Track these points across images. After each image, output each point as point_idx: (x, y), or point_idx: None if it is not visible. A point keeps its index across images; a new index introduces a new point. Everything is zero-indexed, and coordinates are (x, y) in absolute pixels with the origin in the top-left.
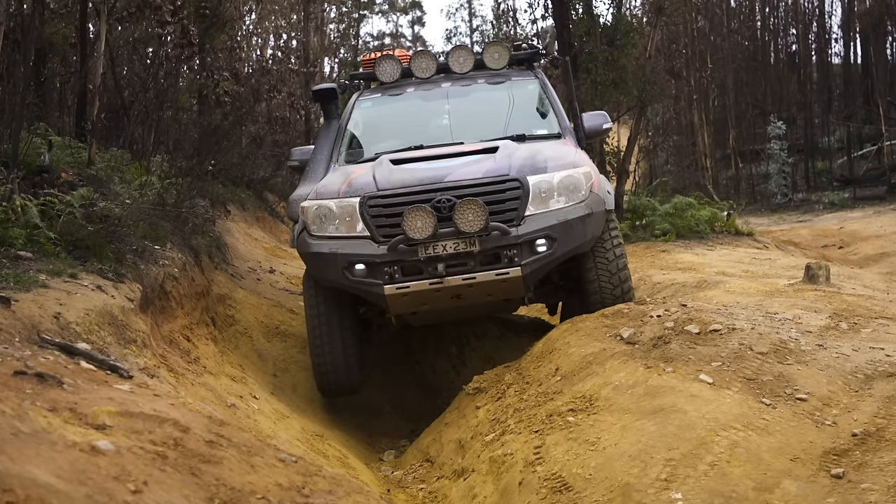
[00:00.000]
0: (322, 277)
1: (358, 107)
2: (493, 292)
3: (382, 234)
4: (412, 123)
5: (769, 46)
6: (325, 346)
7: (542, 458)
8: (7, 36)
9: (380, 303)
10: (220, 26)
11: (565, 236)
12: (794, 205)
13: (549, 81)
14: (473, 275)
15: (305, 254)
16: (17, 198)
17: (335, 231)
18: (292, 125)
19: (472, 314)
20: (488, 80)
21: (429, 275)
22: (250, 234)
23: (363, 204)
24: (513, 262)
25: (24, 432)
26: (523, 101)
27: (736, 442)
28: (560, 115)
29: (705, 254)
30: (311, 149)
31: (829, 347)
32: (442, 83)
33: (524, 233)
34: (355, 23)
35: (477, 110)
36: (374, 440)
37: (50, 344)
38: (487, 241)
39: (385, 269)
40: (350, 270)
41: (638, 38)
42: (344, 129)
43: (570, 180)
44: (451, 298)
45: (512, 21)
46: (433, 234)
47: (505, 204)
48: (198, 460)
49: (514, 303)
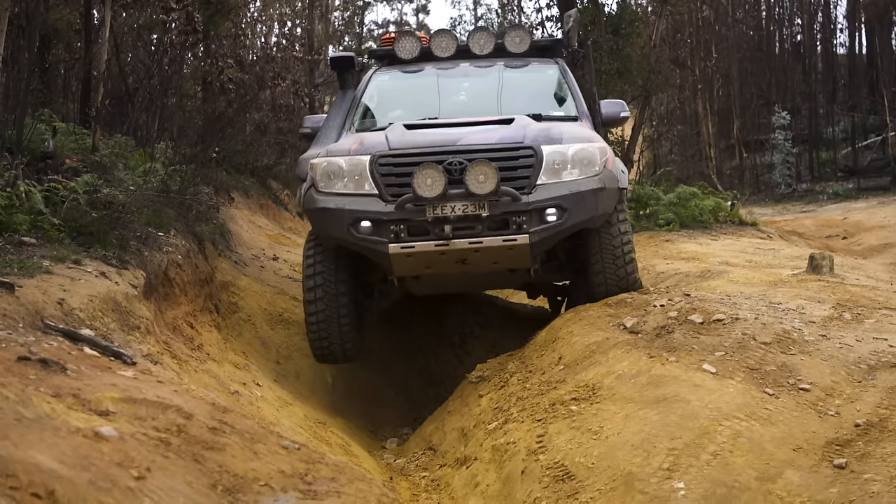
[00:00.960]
0: (326, 234)
1: (374, 79)
2: (498, 259)
3: (391, 193)
4: (428, 98)
5: (774, 36)
6: (319, 309)
7: (545, 447)
8: (12, 22)
9: (383, 262)
10: (224, 13)
11: (576, 207)
12: (798, 195)
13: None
14: (480, 239)
15: (311, 210)
16: (21, 184)
17: (343, 188)
18: (296, 113)
19: (476, 285)
20: (508, 63)
21: (435, 236)
22: (254, 222)
23: (373, 162)
24: (521, 229)
25: (27, 418)
26: (542, 85)
27: (739, 432)
28: (578, 100)
29: (709, 244)
30: (323, 117)
31: (833, 338)
32: (461, 63)
33: (534, 200)
34: (360, 11)
35: (494, 90)
36: (376, 428)
37: (53, 330)
38: (497, 205)
39: (391, 227)
40: (355, 227)
41: (643, 27)
42: (359, 100)
43: (585, 153)
44: (455, 263)
45: (517, 9)
46: (443, 194)
47: (517, 171)
48: (201, 447)
49: (519, 276)
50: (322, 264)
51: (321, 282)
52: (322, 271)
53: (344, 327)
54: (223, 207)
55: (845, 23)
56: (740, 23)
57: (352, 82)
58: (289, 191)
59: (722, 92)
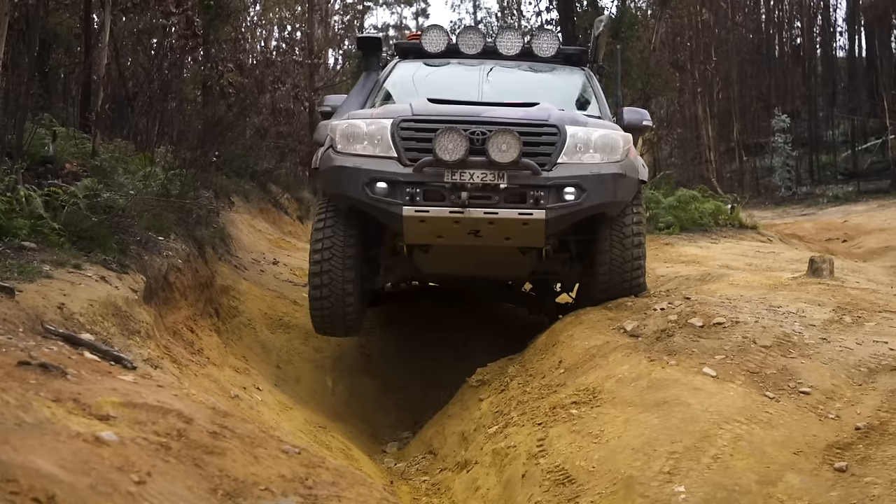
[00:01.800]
0: (340, 193)
1: (399, 67)
2: (511, 235)
3: (410, 158)
4: (451, 89)
5: (774, 39)
6: (325, 282)
7: (546, 451)
8: (12, 26)
9: (395, 226)
10: (224, 17)
11: (595, 189)
12: (798, 198)
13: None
14: (496, 210)
15: (327, 169)
16: (21, 188)
17: (362, 150)
18: (296, 117)
19: (484, 267)
20: (533, 65)
21: (451, 203)
22: (254, 226)
23: (395, 125)
24: (538, 205)
25: (28, 423)
26: (567, 87)
27: (739, 435)
28: (602, 105)
29: (709, 247)
30: (343, 97)
31: (833, 341)
32: (486, 61)
33: (554, 177)
34: (360, 14)
35: (518, 87)
36: (377, 432)
37: (54, 334)
38: (516, 177)
39: (407, 189)
40: (371, 187)
41: (643, 30)
42: (381, 84)
43: (608, 139)
44: (468, 234)
45: (516, 13)
46: (463, 159)
47: (539, 147)
48: (201, 451)
49: (529, 260)
50: (332, 229)
51: (329, 252)
52: (331, 237)
53: (347, 298)
54: (223, 211)
55: (845, 26)
56: (740, 26)
57: (377, 65)
58: (289, 195)
59: (722, 95)
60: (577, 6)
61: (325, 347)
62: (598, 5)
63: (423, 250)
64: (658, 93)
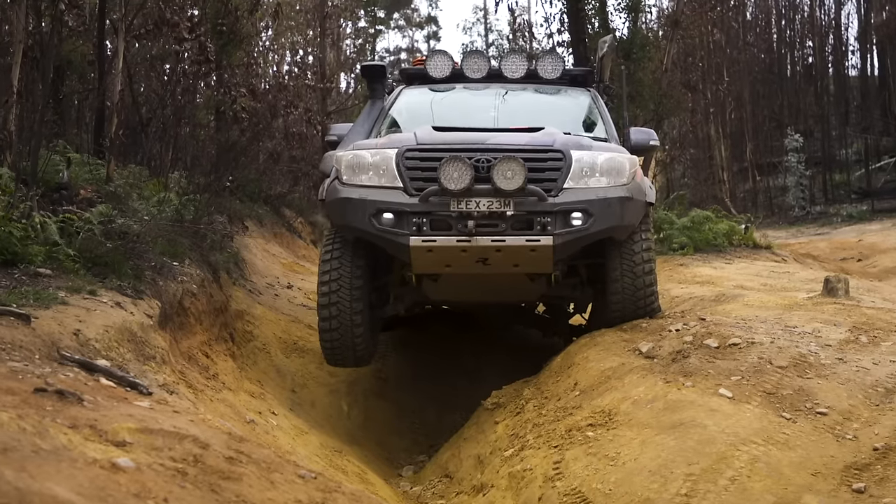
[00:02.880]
0: (346, 224)
1: (404, 94)
2: (520, 262)
3: (415, 188)
4: (457, 114)
5: (786, 59)
6: (333, 314)
7: (562, 474)
8: (26, 54)
9: (403, 257)
10: (237, 43)
11: (602, 214)
12: (812, 217)
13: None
14: (503, 238)
15: (333, 200)
16: (36, 215)
17: (367, 181)
18: (309, 141)
19: (493, 293)
20: (539, 88)
21: (458, 231)
22: (268, 250)
23: (400, 154)
24: (545, 230)
25: (44, 449)
26: (573, 109)
27: (756, 456)
28: (609, 126)
29: (723, 267)
30: (350, 125)
31: (849, 361)
32: (491, 85)
33: (560, 202)
34: (371, 38)
35: (524, 110)
36: (392, 456)
37: (70, 361)
38: (522, 204)
39: (413, 219)
40: (377, 218)
41: (654, 51)
42: (387, 112)
43: (614, 162)
44: (476, 262)
45: (528, 35)
46: (468, 188)
47: (544, 173)
48: (217, 477)
49: (538, 286)
50: (339, 261)
51: (336, 284)
52: (338, 268)
53: (357, 329)
54: (237, 236)
55: (857, 45)
56: (752, 46)
57: (382, 92)
58: (302, 219)
59: (734, 115)
60: (589, 28)
61: (340, 372)
62: (610, 27)
63: (432, 279)
64: (670, 113)
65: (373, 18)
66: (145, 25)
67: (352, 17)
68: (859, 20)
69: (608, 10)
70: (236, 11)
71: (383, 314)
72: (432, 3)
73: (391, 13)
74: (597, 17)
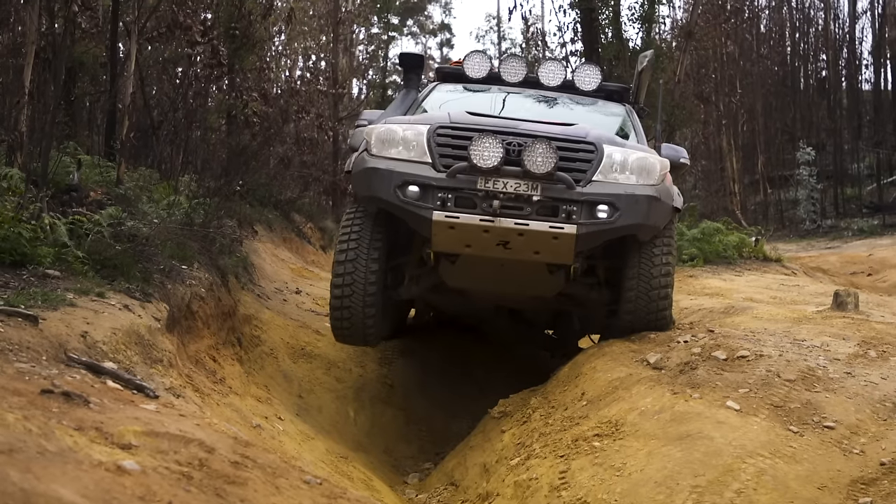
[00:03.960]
0: (371, 195)
1: (438, 90)
2: (541, 249)
3: (444, 164)
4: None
5: (799, 72)
6: (346, 283)
7: (568, 483)
8: (38, 55)
9: (424, 231)
10: (249, 47)
11: (629, 209)
12: (823, 231)
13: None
14: (527, 222)
15: (359, 171)
16: (45, 216)
17: (396, 154)
18: (320, 146)
19: (511, 284)
20: (574, 97)
21: (482, 210)
22: (277, 255)
23: (431, 131)
24: (570, 219)
25: (50, 451)
26: (607, 120)
27: (763, 469)
28: (641, 139)
29: (733, 279)
30: (381, 111)
31: (858, 375)
32: (527, 90)
33: (588, 193)
34: (384, 44)
35: (558, 115)
36: (398, 463)
37: (77, 363)
38: (550, 190)
39: (439, 194)
40: (402, 190)
41: (667, 62)
42: (419, 103)
43: (645, 162)
44: (496, 245)
45: (541, 44)
46: (497, 167)
47: (575, 163)
48: (223, 481)
49: (557, 279)
50: (359, 234)
51: (353, 255)
52: (357, 241)
53: (368, 307)
54: (246, 240)
55: (870, 59)
56: (765, 58)
57: (417, 83)
58: (312, 224)
59: (746, 127)
60: (602, 38)
61: (348, 378)
62: (623, 37)
63: (450, 261)
64: (683, 125)
65: (386, 25)
66: (158, 28)
67: (365, 22)
68: (873, 34)
69: (622, 20)
70: (249, 16)
71: (397, 296)
72: (446, 10)
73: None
74: (610, 26)
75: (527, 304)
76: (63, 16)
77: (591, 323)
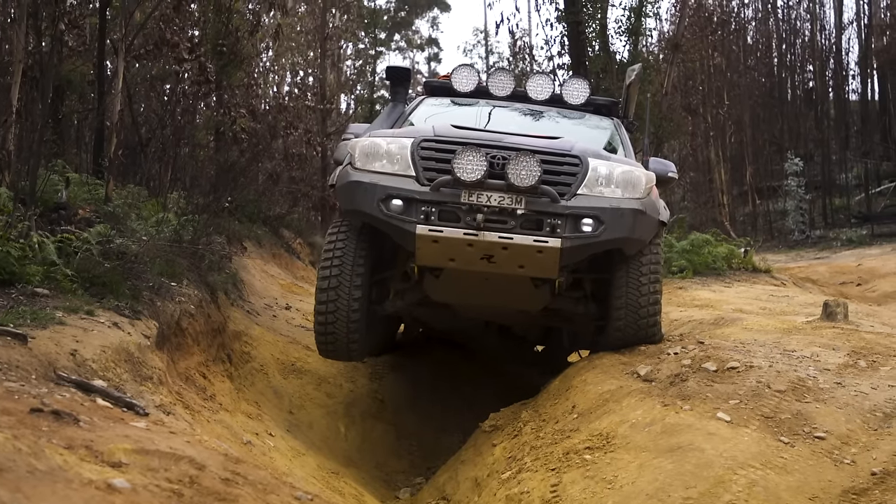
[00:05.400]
0: (354, 209)
1: (425, 103)
2: (525, 263)
3: (428, 178)
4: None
5: (786, 83)
6: (329, 294)
7: (559, 497)
8: (25, 73)
9: (408, 245)
10: (237, 63)
11: (614, 223)
12: (812, 242)
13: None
14: (511, 235)
15: (343, 185)
16: (34, 235)
17: (380, 167)
18: (309, 162)
19: (495, 297)
20: (563, 112)
21: (466, 224)
22: (266, 271)
23: (415, 144)
24: (554, 233)
25: (40, 470)
26: (595, 134)
27: (754, 481)
28: (629, 153)
29: (722, 291)
30: (367, 125)
31: (848, 385)
32: (515, 104)
33: (573, 206)
34: (372, 59)
35: (546, 128)
36: (389, 478)
37: (66, 381)
38: (534, 203)
39: (422, 207)
40: (386, 204)
41: (654, 74)
42: (406, 116)
43: (630, 176)
44: (481, 259)
45: (529, 58)
46: (481, 181)
47: (559, 176)
48: (213, 498)
49: (542, 294)
50: (343, 249)
51: (337, 270)
52: (341, 256)
53: (352, 322)
54: (236, 257)
55: (857, 69)
56: (752, 70)
57: (404, 97)
58: (301, 240)
59: (734, 139)
60: (589, 51)
61: (338, 393)
62: (610, 50)
63: (435, 275)
64: (670, 137)
65: (373, 40)
66: (145, 46)
67: (352, 38)
68: (860, 45)
69: (609, 33)
70: (237, 32)
71: (382, 310)
72: (433, 25)
73: (392, 35)
74: (597, 39)
75: (513, 320)
76: (50, 34)
77: (580, 339)
